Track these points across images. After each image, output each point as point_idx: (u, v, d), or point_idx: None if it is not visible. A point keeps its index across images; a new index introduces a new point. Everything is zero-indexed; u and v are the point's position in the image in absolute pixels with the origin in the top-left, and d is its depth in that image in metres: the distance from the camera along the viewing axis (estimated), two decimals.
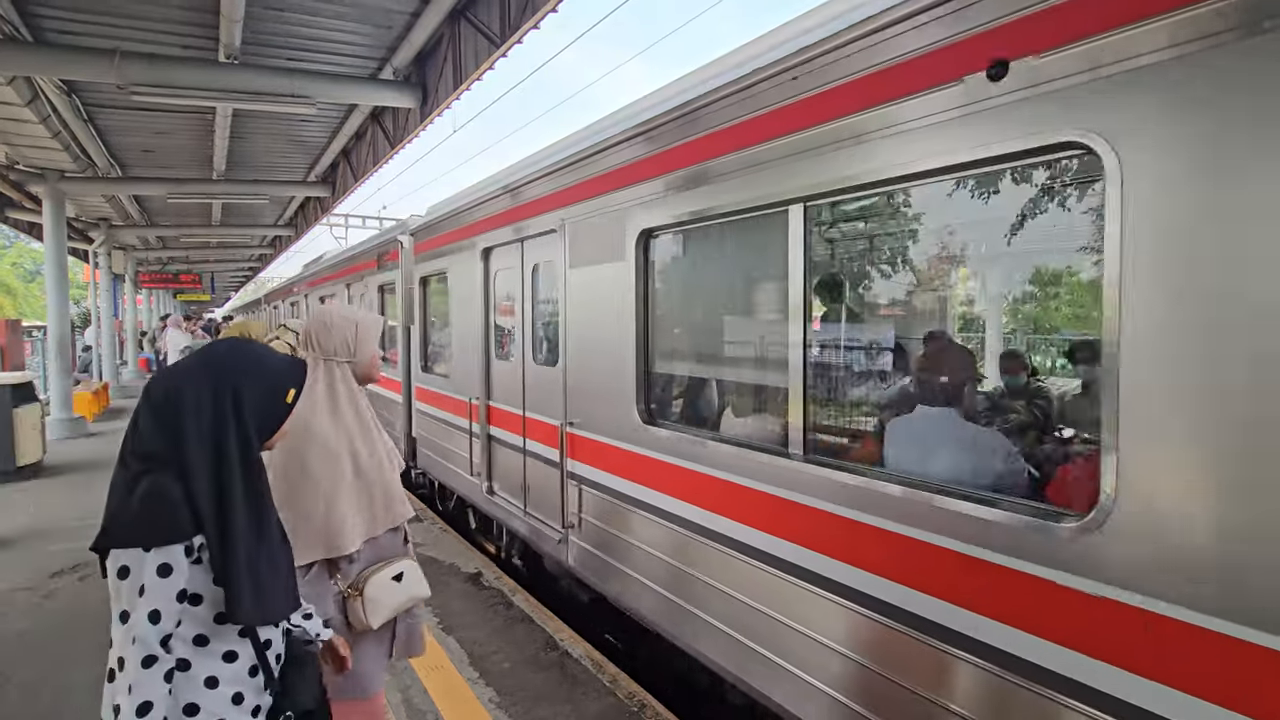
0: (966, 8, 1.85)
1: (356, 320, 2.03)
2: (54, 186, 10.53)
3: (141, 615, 1.33)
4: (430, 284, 6.71)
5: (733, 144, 2.72)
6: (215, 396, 1.44)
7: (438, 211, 6.11)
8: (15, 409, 7.64)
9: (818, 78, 2.32)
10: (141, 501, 1.35)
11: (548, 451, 4.29)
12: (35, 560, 5.23)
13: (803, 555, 2.47)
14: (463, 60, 6.41)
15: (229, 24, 5.99)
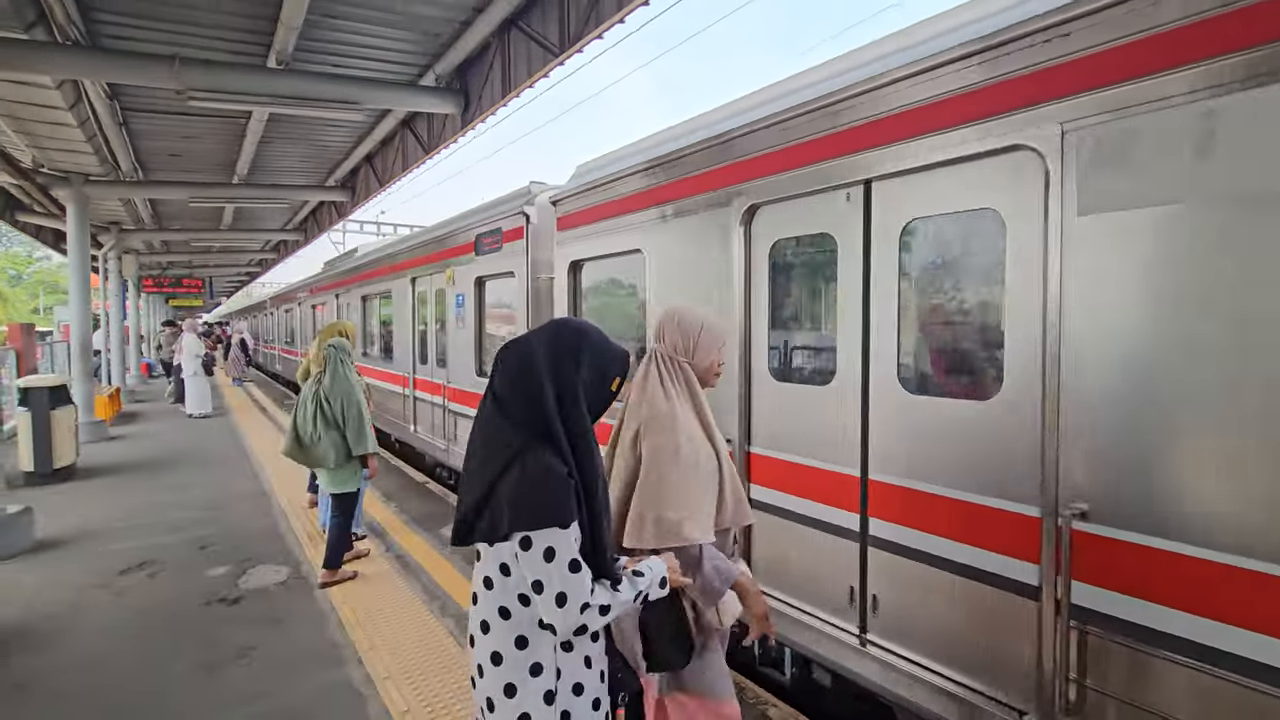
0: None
1: (702, 323, 2.05)
2: (78, 190, 10.53)
3: (581, 590, 1.42)
4: (593, 270, 4.99)
5: None
6: (563, 373, 1.53)
7: (619, 164, 4.41)
8: (52, 411, 7.65)
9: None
10: (545, 480, 1.43)
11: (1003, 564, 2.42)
12: (97, 559, 5.27)
13: None
14: (512, 68, 6.55)
15: (286, 31, 6.10)
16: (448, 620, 4.17)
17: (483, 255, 6.48)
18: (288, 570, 5.02)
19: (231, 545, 5.59)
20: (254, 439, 10.68)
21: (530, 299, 5.65)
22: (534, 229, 5.61)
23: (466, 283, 6.89)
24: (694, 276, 3.78)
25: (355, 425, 4.63)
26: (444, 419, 7.49)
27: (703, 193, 3.70)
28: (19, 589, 4.70)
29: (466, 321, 6.93)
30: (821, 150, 3.05)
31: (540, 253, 5.54)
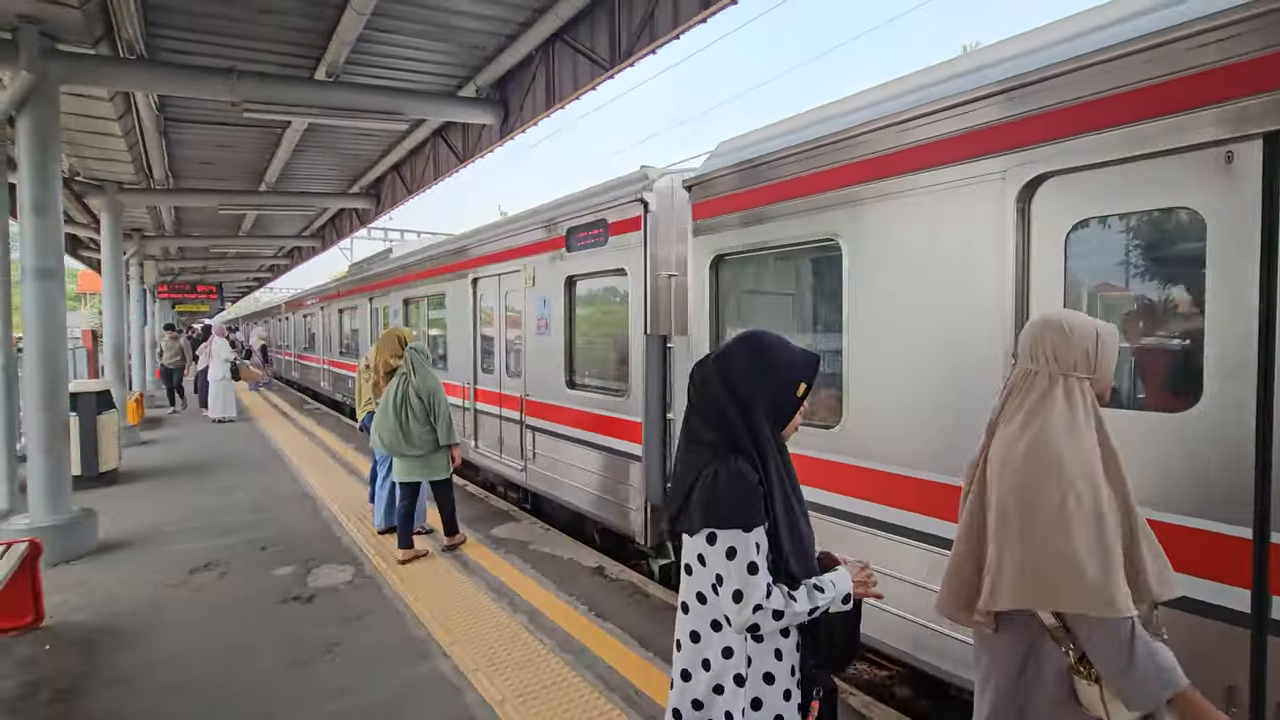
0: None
1: (1097, 327, 1.64)
2: (112, 198, 10.70)
3: (755, 592, 1.51)
4: (743, 266, 4.31)
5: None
6: (741, 387, 1.61)
7: (791, 137, 3.73)
8: (98, 416, 7.79)
9: None
10: (731, 486, 1.54)
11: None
12: (164, 560, 5.40)
13: None
14: (556, 81, 6.72)
15: (339, 45, 6.28)
16: (520, 616, 4.31)
17: (577, 251, 5.72)
18: (353, 570, 5.16)
19: (290, 546, 5.73)
20: (285, 443, 10.81)
21: (648, 300, 4.95)
22: (654, 219, 4.90)
23: (553, 283, 6.09)
24: (925, 271, 3.04)
25: (446, 419, 5.26)
26: (521, 436, 6.71)
27: (951, 163, 2.91)
28: (96, 589, 4.83)
29: (552, 326, 6.16)
30: (1185, 93, 2.21)
31: (661, 247, 4.92)
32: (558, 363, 6.08)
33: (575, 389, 5.90)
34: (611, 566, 5.21)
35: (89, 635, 4.11)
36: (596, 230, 5.48)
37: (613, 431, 5.33)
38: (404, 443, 5.15)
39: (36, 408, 5.39)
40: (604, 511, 5.55)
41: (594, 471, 5.60)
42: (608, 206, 5.35)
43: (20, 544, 4.09)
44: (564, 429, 5.98)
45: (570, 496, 6.02)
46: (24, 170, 5.31)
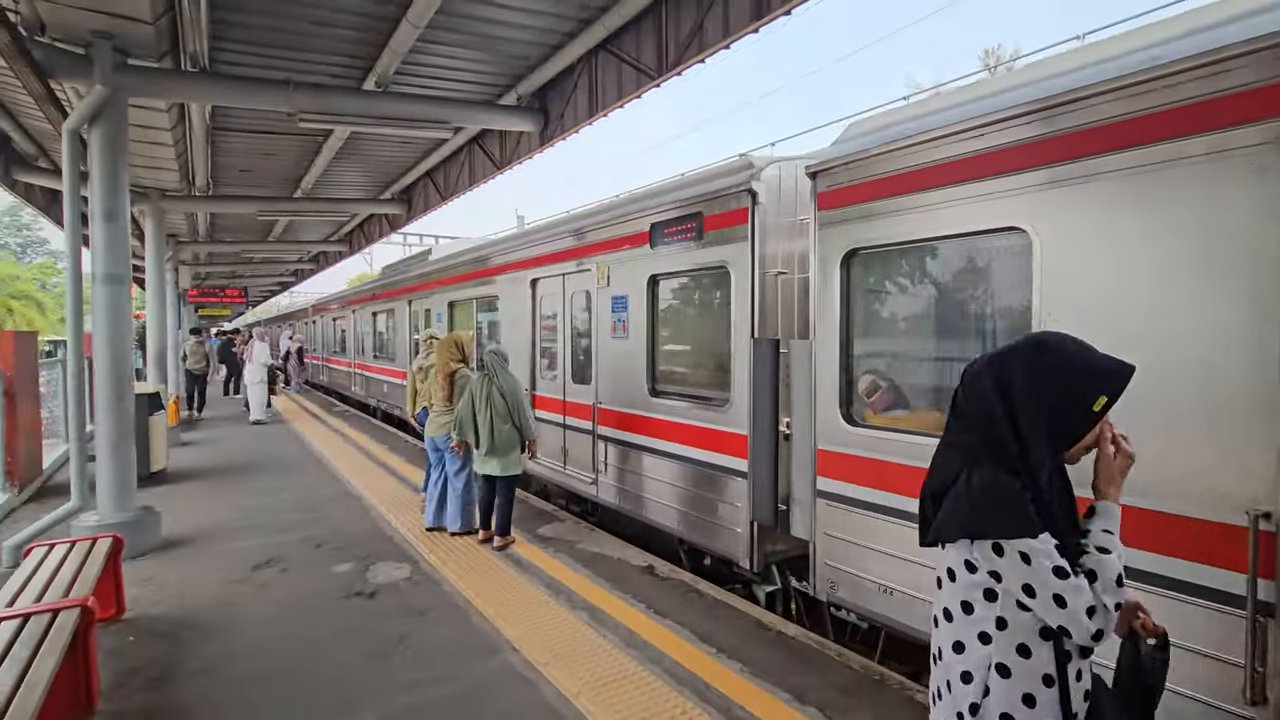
0: None
1: None
2: (155, 204, 10.97)
3: (1078, 596, 1.37)
4: (886, 261, 3.86)
5: None
6: (1017, 394, 1.45)
7: (956, 111, 3.34)
8: (150, 417, 8.00)
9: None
10: (989, 492, 1.42)
11: None
12: (226, 556, 5.57)
13: None
14: (600, 90, 6.86)
15: (391, 56, 6.45)
16: (580, 612, 4.42)
17: (664, 247, 5.31)
18: (409, 567, 5.29)
19: (344, 544, 5.88)
20: (320, 444, 11.01)
21: (755, 300, 4.55)
22: (762, 212, 4.51)
23: (632, 282, 5.68)
24: (1155, 267, 2.56)
25: (528, 415, 5.61)
26: (593, 447, 6.32)
27: (1209, 130, 2.40)
28: (166, 584, 5.00)
29: (632, 329, 5.73)
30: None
31: (769, 242, 4.54)
32: (638, 369, 5.67)
33: (660, 398, 5.49)
34: (661, 566, 5.31)
35: (168, 628, 4.27)
36: (689, 225, 5.06)
37: (709, 445, 4.96)
38: (489, 439, 5.48)
39: (105, 409, 5.59)
40: (697, 532, 5.13)
41: (685, 488, 5.21)
42: (705, 199, 4.94)
43: (105, 539, 4.25)
44: (646, 441, 5.61)
45: (654, 514, 5.60)
46: (95, 180, 5.52)
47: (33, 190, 10.97)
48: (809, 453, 4.15)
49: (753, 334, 4.59)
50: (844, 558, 3.93)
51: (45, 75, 5.31)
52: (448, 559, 5.44)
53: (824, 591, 4.11)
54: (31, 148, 9.80)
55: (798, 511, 4.30)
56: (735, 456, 4.74)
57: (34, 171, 9.95)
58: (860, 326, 3.96)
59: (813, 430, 4.10)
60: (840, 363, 3.92)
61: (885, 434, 3.71)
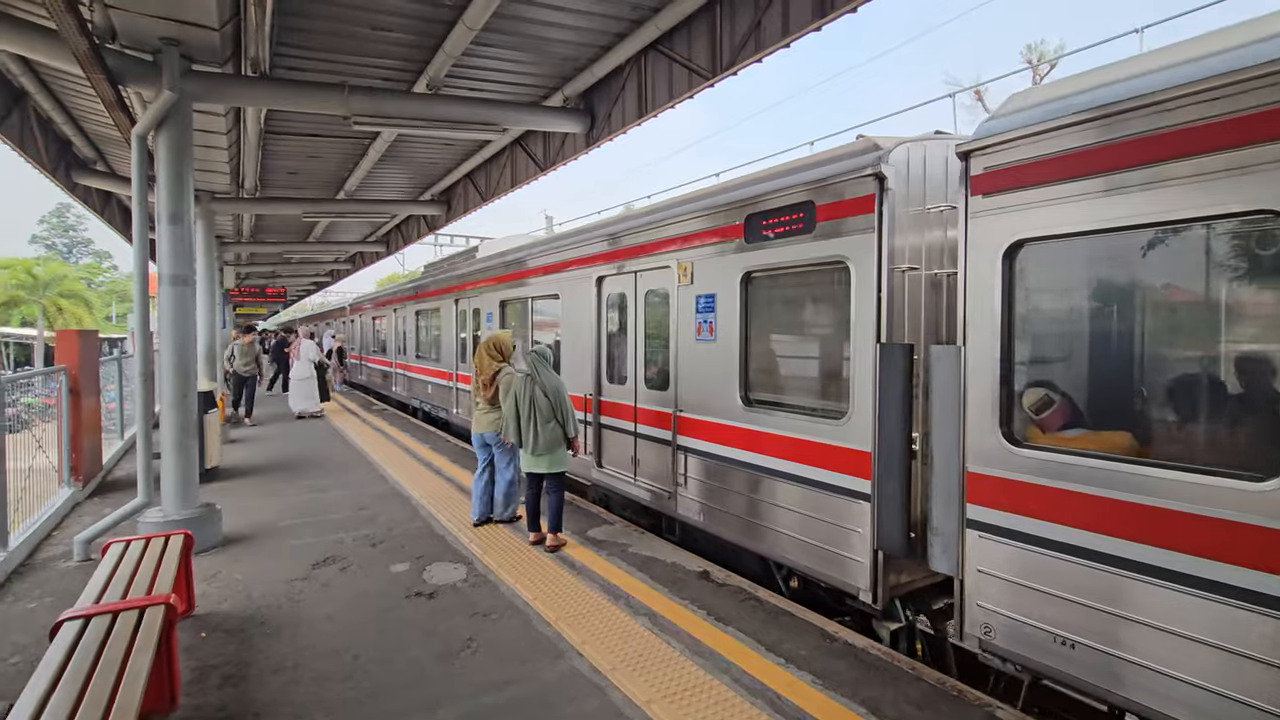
0: None
1: None
2: (206, 206, 11.24)
3: None
4: (1066, 253, 3.30)
5: None
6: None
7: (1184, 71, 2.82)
8: (205, 415, 8.18)
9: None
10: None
11: None
12: (286, 554, 5.66)
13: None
14: (649, 90, 6.83)
15: (445, 59, 6.51)
16: (641, 618, 4.39)
17: (763, 241, 4.87)
18: (465, 568, 5.32)
19: (399, 544, 5.94)
20: (363, 442, 11.17)
21: (882, 300, 4.05)
22: (892, 199, 4.04)
23: (721, 279, 5.26)
24: None
25: (571, 414, 5.65)
26: (672, 458, 5.85)
27: None
28: (230, 581, 5.09)
29: (721, 331, 5.29)
30: None
31: (897, 235, 4.07)
32: (728, 375, 5.22)
33: (756, 407, 5.02)
34: (717, 571, 5.26)
35: (238, 625, 4.34)
36: (796, 215, 4.58)
37: (819, 461, 4.48)
38: (534, 438, 5.55)
39: (170, 406, 5.72)
40: (806, 558, 4.60)
41: (787, 509, 4.72)
42: (817, 186, 4.44)
43: (178, 536, 4.35)
44: (739, 454, 5.12)
45: (747, 535, 5.13)
46: (161, 183, 5.65)
47: (90, 193, 11.33)
48: (954, 475, 3.61)
49: (878, 338, 4.07)
50: (1005, 600, 3.39)
51: (116, 81, 5.45)
52: (502, 560, 5.46)
53: (975, 636, 3.54)
54: (90, 152, 10.12)
55: (937, 543, 3.75)
56: (854, 476, 4.24)
57: (92, 174, 10.27)
58: (1027, 330, 3.41)
59: (960, 450, 3.58)
60: (1000, 372, 3.38)
61: (1066, 458, 3.16)
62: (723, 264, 5.30)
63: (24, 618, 4.47)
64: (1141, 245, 3.05)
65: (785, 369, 5.09)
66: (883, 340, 4.08)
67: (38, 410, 8.74)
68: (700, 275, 5.54)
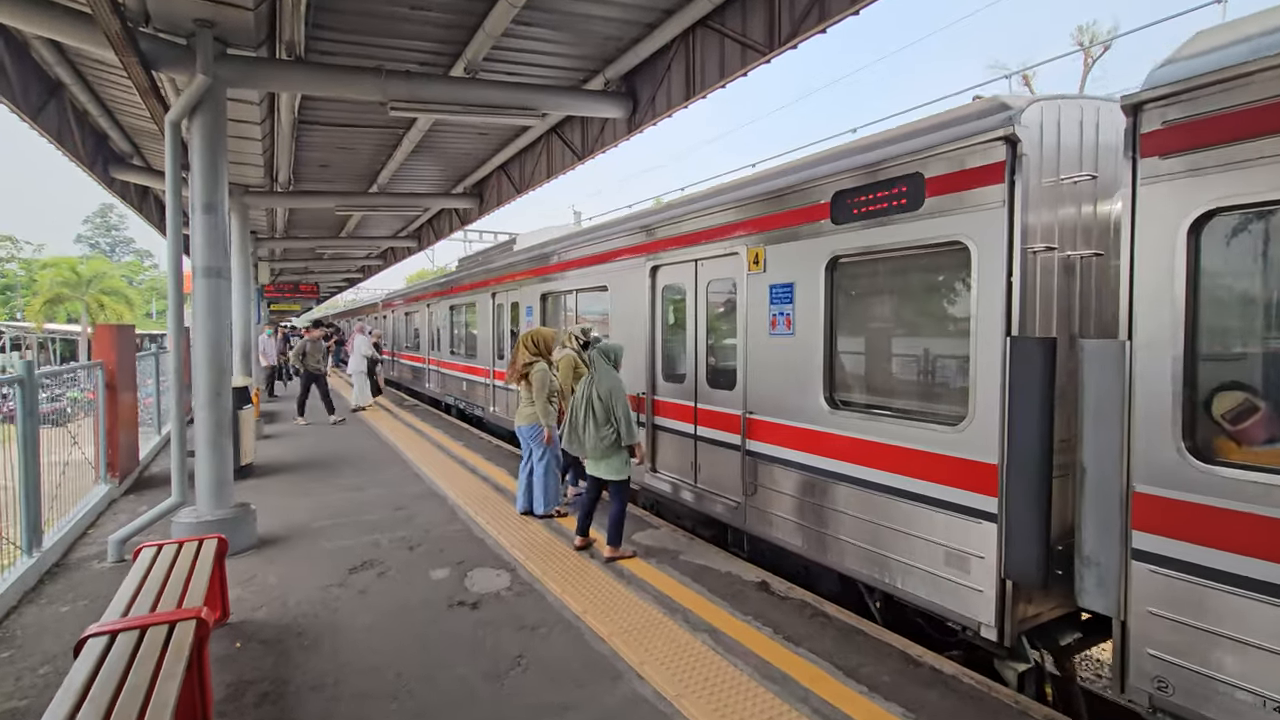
0: None
1: None
2: (240, 201, 11.16)
3: None
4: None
5: None
6: None
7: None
8: (239, 411, 8.04)
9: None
10: None
11: None
12: (322, 558, 5.43)
13: None
14: (697, 70, 6.45)
15: (484, 39, 6.21)
16: (701, 635, 4.05)
17: (855, 222, 4.31)
18: (508, 575, 5.03)
19: (437, 547, 5.67)
20: (397, 439, 11.00)
21: (1014, 286, 3.46)
22: (1027, 168, 3.45)
23: (801, 265, 4.74)
24: None
25: (625, 418, 5.15)
26: (742, 465, 5.36)
27: None
28: (265, 586, 4.87)
29: (800, 323, 4.78)
30: None
31: (1030, 210, 3.46)
32: (809, 374, 4.69)
33: (844, 410, 4.47)
34: (777, 583, 4.89)
35: (274, 635, 4.10)
36: (897, 190, 4.03)
37: (931, 474, 3.88)
38: (587, 443, 5.23)
39: (204, 403, 5.52)
40: (908, 583, 4.04)
41: (888, 526, 4.15)
42: (928, 155, 3.84)
43: (211, 540, 4.12)
44: (825, 463, 4.57)
45: (833, 553, 4.54)
46: (195, 172, 5.45)
47: (128, 188, 11.32)
48: (1114, 495, 3.06)
49: (1008, 331, 3.48)
50: (1190, 650, 2.83)
51: (149, 66, 5.25)
52: (546, 567, 5.16)
53: (1143, 691, 3.00)
54: (127, 146, 10.07)
55: (1090, 575, 3.19)
56: (975, 492, 3.65)
57: (129, 169, 10.23)
58: (1221, 321, 2.83)
59: (1123, 465, 3.02)
60: (1182, 372, 2.82)
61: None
62: (803, 249, 4.75)
63: (56, 623, 4.29)
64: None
65: (881, 368, 4.51)
66: (1014, 334, 3.47)
67: (83, 405, 8.72)
68: (775, 262, 5.00)
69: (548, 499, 6.31)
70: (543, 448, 6.17)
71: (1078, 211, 3.63)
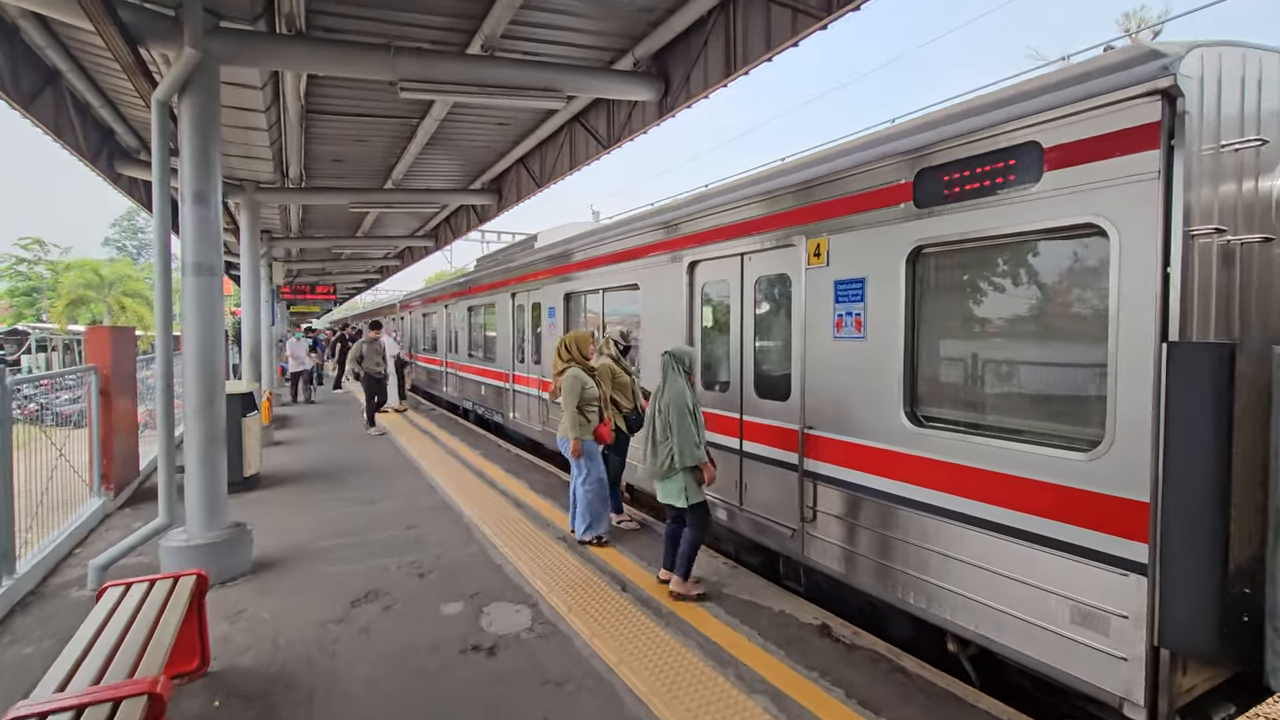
0: None
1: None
2: (250, 197, 10.71)
3: None
4: None
5: None
6: None
7: None
8: (243, 418, 7.54)
9: None
10: None
11: None
12: (322, 587, 4.87)
13: None
14: (738, 42, 5.80)
15: (502, 11, 5.63)
16: (759, 697, 3.39)
17: (944, 204, 3.66)
18: (529, 612, 4.41)
19: (450, 574, 5.08)
20: (412, 446, 10.47)
21: (1171, 279, 2.78)
22: (1190, 129, 2.76)
23: (875, 258, 4.08)
24: None
25: (680, 434, 4.47)
26: (800, 488, 4.65)
27: None
28: (257, 621, 4.30)
29: (871, 325, 4.13)
30: None
31: (1195, 186, 2.77)
32: (885, 384, 4.02)
33: (930, 427, 3.81)
34: (839, 625, 4.22)
35: (259, 688, 3.52)
36: (1006, 164, 3.36)
37: (1053, 510, 3.17)
38: (651, 461, 4.65)
39: (195, 413, 4.99)
40: (1020, 642, 3.31)
41: (994, 570, 3.42)
42: (1050, 118, 3.14)
43: (189, 577, 3.55)
44: (906, 490, 3.89)
45: (916, 596, 3.83)
46: (185, 157, 4.92)
47: (136, 185, 10.92)
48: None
49: (1164, 335, 2.80)
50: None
51: (134, 41, 4.73)
52: (571, 601, 4.53)
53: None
54: (133, 141, 9.65)
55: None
56: (1115, 535, 2.95)
57: (135, 164, 9.80)
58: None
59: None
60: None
61: None
62: (877, 238, 4.08)
63: (15, 669, 3.75)
64: None
65: (982, 378, 3.79)
66: (1173, 338, 2.78)
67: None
68: (840, 254, 4.35)
69: (585, 522, 5.63)
70: (582, 465, 5.53)
71: (1238, 186, 2.91)
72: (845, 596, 4.63)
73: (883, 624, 4.43)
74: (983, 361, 3.76)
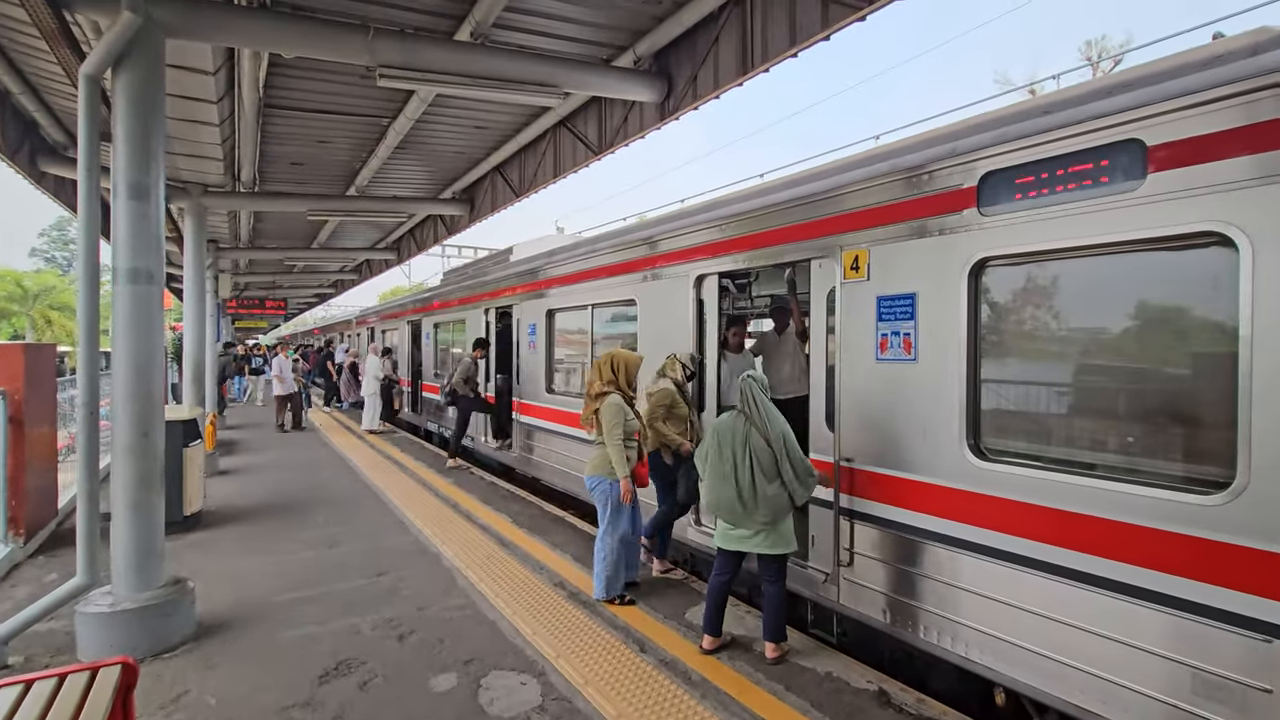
0: None
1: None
2: (197, 201, 9.74)
3: None
4: None
5: None
6: None
7: None
8: (184, 449, 6.61)
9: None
10: None
11: None
12: (281, 658, 4.06)
13: None
14: (755, 38, 5.34)
15: None
16: None
17: (1015, 209, 3.23)
18: (536, 684, 3.72)
19: (436, 635, 4.34)
20: (372, 471, 9.56)
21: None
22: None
23: (927, 271, 3.62)
24: None
25: (803, 467, 3.86)
26: (835, 527, 4.15)
27: None
28: (201, 711, 3.48)
29: (925, 346, 3.64)
30: None
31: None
32: (941, 412, 3.55)
33: (997, 460, 3.34)
34: (898, 691, 3.66)
35: None
36: (1098, 165, 2.94)
37: (1165, 562, 2.72)
38: (750, 507, 3.83)
39: (124, 449, 4.15)
40: (1122, 713, 2.84)
41: (1087, 629, 2.94)
42: (1155, 113, 2.75)
43: (111, 668, 2.75)
44: (968, 532, 3.41)
45: (991, 659, 3.31)
46: (119, 143, 4.12)
47: (63, 185, 9.80)
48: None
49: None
50: None
51: (58, 4, 3.95)
52: (587, 670, 3.86)
53: None
54: (61, 135, 8.62)
55: None
56: (1254, 594, 2.48)
57: (63, 162, 8.75)
58: None
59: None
60: None
61: None
62: (930, 249, 3.62)
63: None
64: None
65: (1065, 406, 3.31)
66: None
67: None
68: (884, 267, 3.87)
69: (607, 578, 4.78)
70: (609, 511, 4.74)
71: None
72: (874, 642, 4.16)
73: (919, 675, 3.97)
74: (1065, 388, 3.30)
